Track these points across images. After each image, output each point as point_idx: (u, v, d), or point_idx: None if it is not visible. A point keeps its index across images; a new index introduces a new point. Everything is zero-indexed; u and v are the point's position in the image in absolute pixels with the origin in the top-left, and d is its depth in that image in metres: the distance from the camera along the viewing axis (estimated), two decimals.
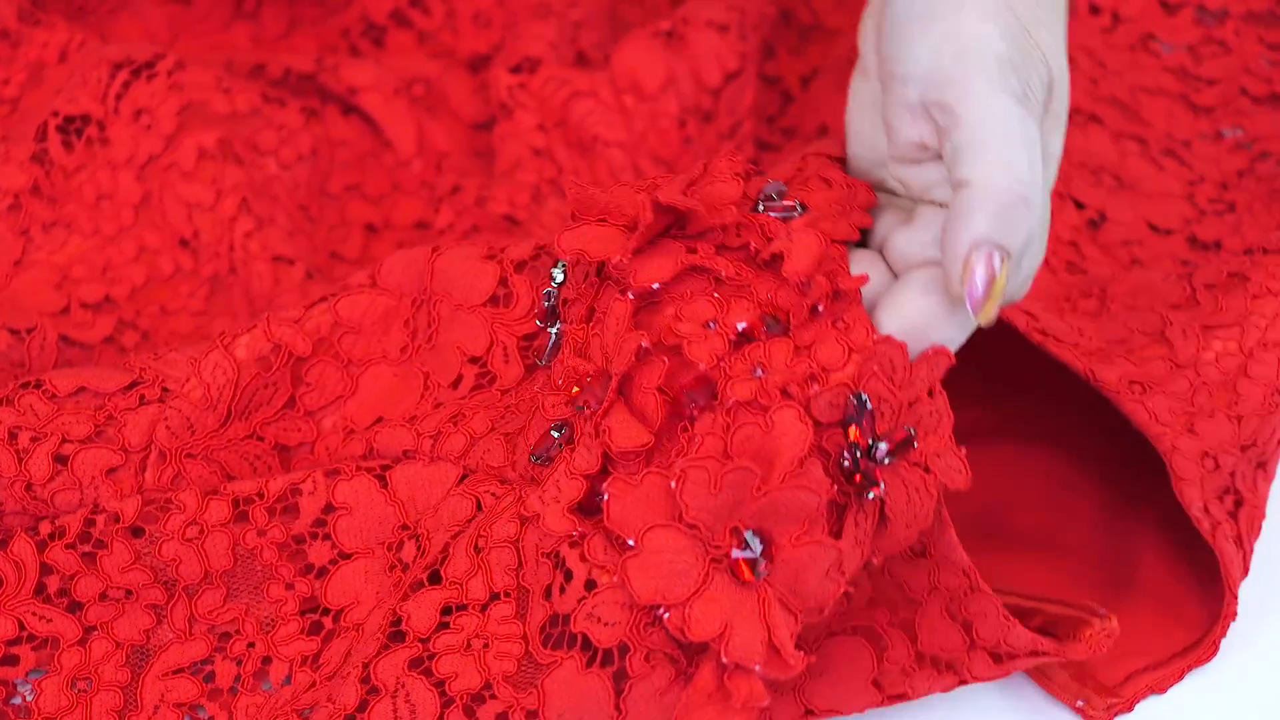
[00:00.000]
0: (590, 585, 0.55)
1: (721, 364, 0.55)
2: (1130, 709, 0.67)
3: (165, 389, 0.65)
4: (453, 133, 0.85)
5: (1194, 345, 0.66)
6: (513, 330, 0.65)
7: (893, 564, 0.61)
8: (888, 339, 0.55)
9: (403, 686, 0.57)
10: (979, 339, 0.69)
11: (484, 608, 0.59)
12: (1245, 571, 0.67)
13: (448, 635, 0.58)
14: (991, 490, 0.73)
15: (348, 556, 0.63)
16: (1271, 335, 0.67)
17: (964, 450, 0.54)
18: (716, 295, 0.57)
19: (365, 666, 0.58)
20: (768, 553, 0.52)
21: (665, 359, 0.56)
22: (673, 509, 0.53)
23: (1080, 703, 0.67)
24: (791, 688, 0.63)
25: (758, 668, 0.51)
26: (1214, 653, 0.67)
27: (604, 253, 0.58)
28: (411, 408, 0.66)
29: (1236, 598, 0.65)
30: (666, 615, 0.52)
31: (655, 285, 0.57)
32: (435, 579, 0.60)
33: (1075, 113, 0.85)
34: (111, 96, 0.79)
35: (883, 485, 0.53)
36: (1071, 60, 0.87)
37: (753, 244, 0.58)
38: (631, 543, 0.53)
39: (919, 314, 0.56)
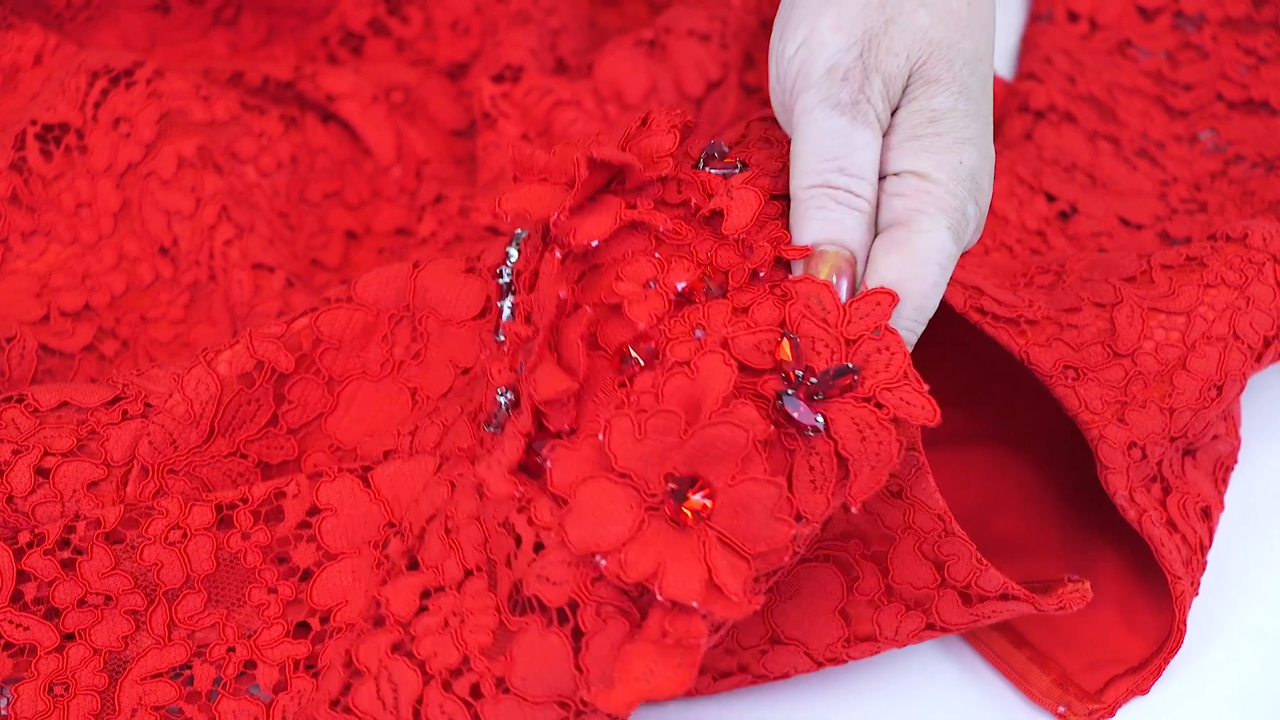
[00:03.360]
0: (539, 547, 0.55)
1: (661, 325, 0.55)
2: (1112, 714, 0.67)
3: (148, 404, 0.65)
4: (432, 139, 0.85)
5: (1136, 333, 0.66)
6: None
7: (867, 500, 0.61)
8: (806, 277, 0.54)
9: (385, 668, 0.58)
10: (956, 348, 0.70)
11: (460, 586, 0.59)
12: (1195, 558, 0.67)
13: (426, 617, 0.58)
14: (970, 494, 0.73)
15: (333, 557, 0.63)
16: (1217, 329, 0.67)
17: (926, 386, 0.53)
18: (657, 255, 0.57)
19: (347, 652, 0.59)
20: (708, 497, 0.52)
21: (589, 308, 0.56)
22: (604, 462, 0.53)
23: (1062, 709, 0.68)
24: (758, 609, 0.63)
25: (695, 604, 0.50)
26: (1181, 639, 0.67)
27: (544, 211, 0.57)
28: (401, 423, 0.66)
29: (1180, 578, 0.66)
30: (604, 563, 0.51)
31: (594, 243, 0.57)
32: (414, 565, 0.60)
33: (1050, 110, 0.86)
34: (90, 105, 0.79)
35: (821, 419, 0.52)
36: (1049, 60, 0.87)
37: (694, 200, 0.58)
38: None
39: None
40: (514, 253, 0.61)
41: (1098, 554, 0.71)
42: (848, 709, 0.68)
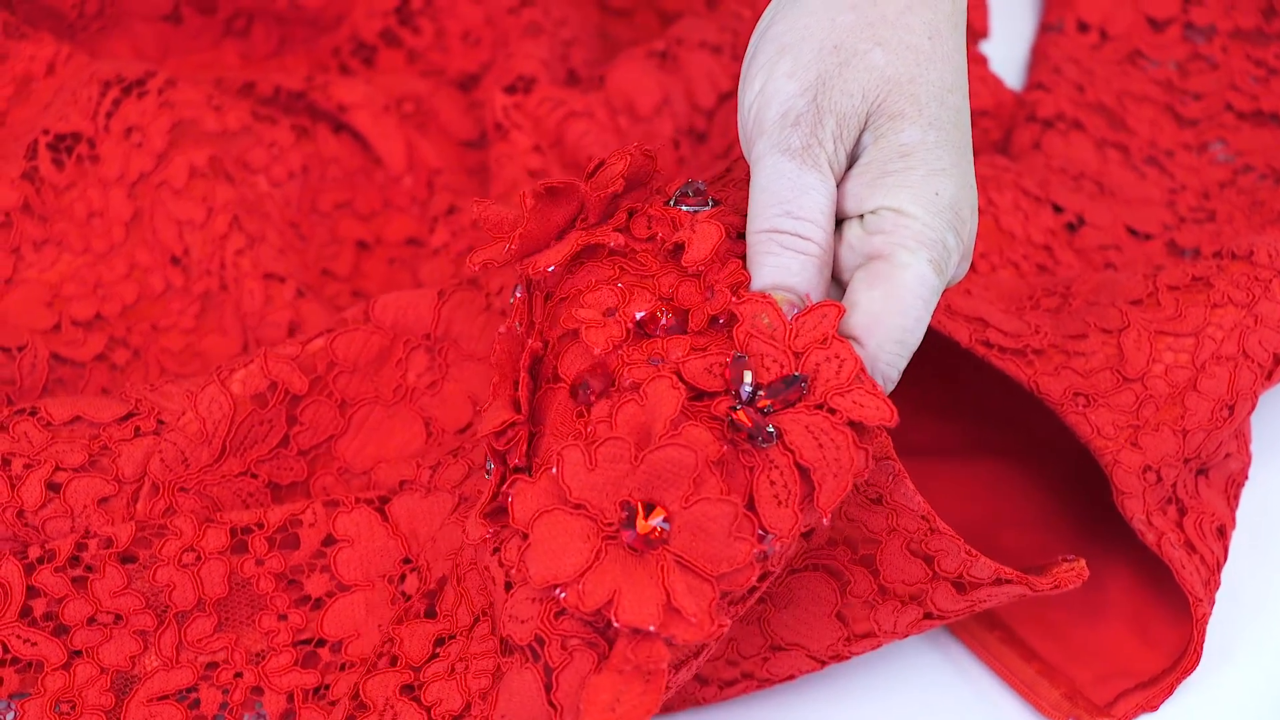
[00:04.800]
0: (509, 587, 0.55)
1: (618, 352, 0.55)
2: None
3: (161, 421, 0.65)
4: (443, 150, 0.85)
5: (1145, 356, 0.66)
6: None
7: (848, 508, 0.61)
8: (751, 299, 0.54)
9: (391, 707, 0.58)
10: (965, 360, 0.69)
11: (469, 631, 0.59)
12: (1213, 578, 0.67)
13: (437, 664, 0.59)
14: (978, 508, 0.73)
15: (347, 589, 0.63)
16: (1226, 348, 0.66)
17: (880, 387, 0.52)
18: (620, 285, 0.57)
19: (356, 685, 0.59)
20: (664, 521, 0.51)
21: (530, 341, 0.56)
22: (560, 494, 0.53)
23: None
24: (756, 619, 0.63)
25: (653, 628, 0.50)
26: (1197, 661, 0.67)
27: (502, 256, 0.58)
28: (416, 453, 0.66)
29: (1201, 600, 0.66)
30: (564, 595, 0.51)
31: (551, 268, 0.57)
32: (433, 613, 0.61)
33: (1058, 119, 0.86)
34: (102, 114, 0.79)
35: (774, 430, 0.52)
36: (1058, 70, 0.87)
37: (661, 235, 0.58)
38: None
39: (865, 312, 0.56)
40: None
41: (1108, 566, 0.71)
42: None
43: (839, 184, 0.57)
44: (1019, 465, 0.75)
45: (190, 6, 0.88)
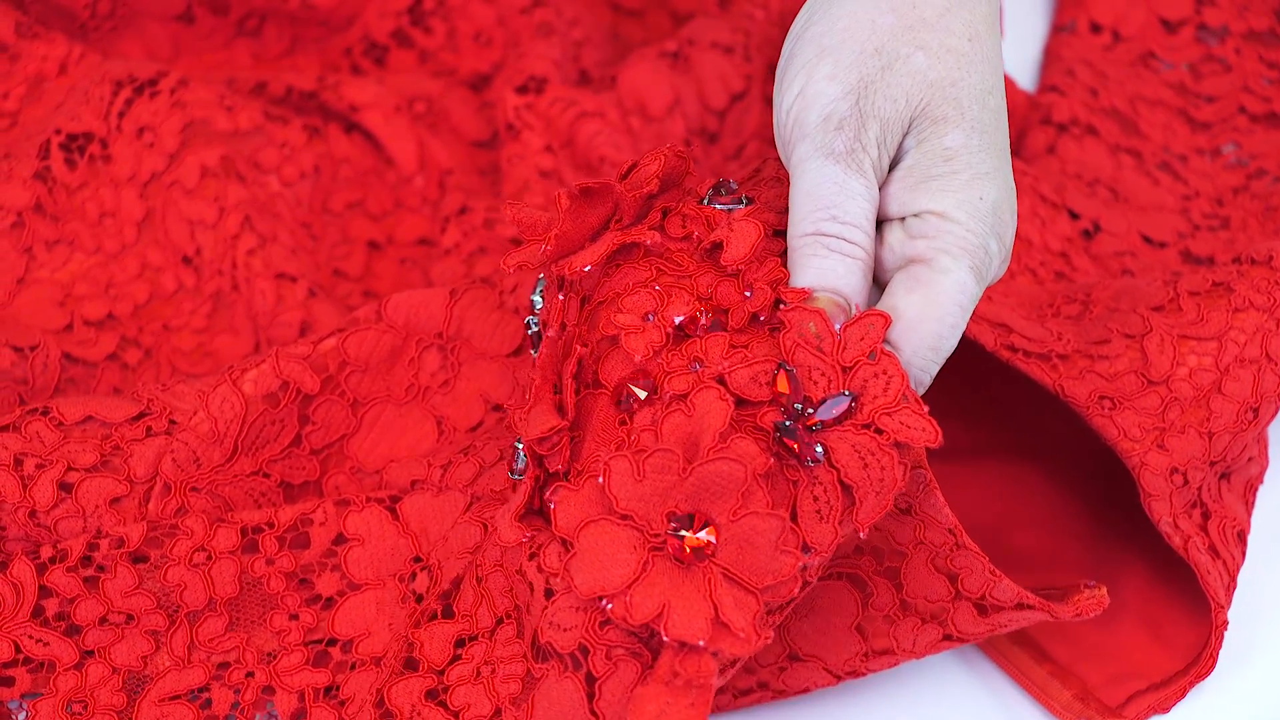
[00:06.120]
0: (549, 594, 0.56)
1: (659, 358, 0.55)
2: None
3: (172, 421, 0.65)
4: (455, 150, 0.85)
5: (1169, 360, 0.66)
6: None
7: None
8: (799, 308, 0.54)
9: (418, 713, 0.58)
10: (979, 362, 0.69)
11: (492, 634, 0.59)
12: (1232, 584, 0.67)
13: (460, 666, 0.59)
14: (991, 509, 0.73)
15: (357, 588, 0.63)
16: (1249, 352, 0.66)
17: (925, 407, 0.52)
18: (658, 288, 0.57)
19: (379, 691, 0.59)
20: (710, 534, 0.52)
21: (579, 347, 0.56)
22: (606, 503, 0.53)
23: None
24: (775, 627, 0.63)
25: (702, 643, 0.50)
26: (1212, 666, 0.67)
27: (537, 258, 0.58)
28: (427, 452, 0.66)
29: (1223, 607, 0.65)
30: (610, 606, 0.52)
31: (587, 267, 0.57)
32: (449, 613, 0.61)
33: (1072, 123, 0.85)
34: (114, 114, 0.79)
35: (820, 449, 0.52)
36: (1071, 72, 0.87)
37: (697, 234, 0.58)
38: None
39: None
40: (538, 300, 0.62)
41: (1121, 566, 0.71)
42: None
43: (880, 187, 0.57)
44: (1031, 467, 0.75)
45: (202, 6, 0.88)
